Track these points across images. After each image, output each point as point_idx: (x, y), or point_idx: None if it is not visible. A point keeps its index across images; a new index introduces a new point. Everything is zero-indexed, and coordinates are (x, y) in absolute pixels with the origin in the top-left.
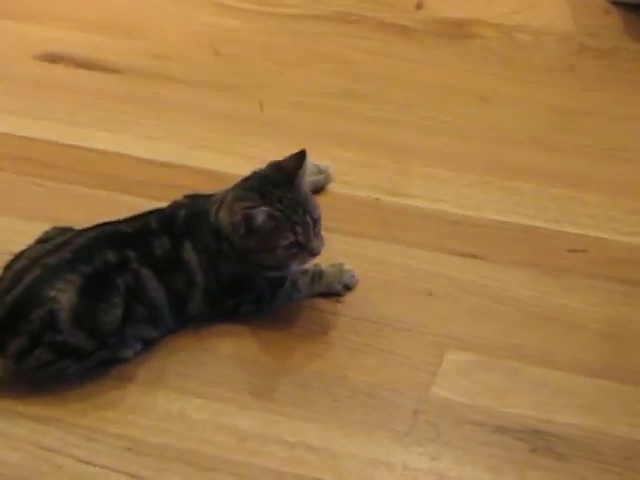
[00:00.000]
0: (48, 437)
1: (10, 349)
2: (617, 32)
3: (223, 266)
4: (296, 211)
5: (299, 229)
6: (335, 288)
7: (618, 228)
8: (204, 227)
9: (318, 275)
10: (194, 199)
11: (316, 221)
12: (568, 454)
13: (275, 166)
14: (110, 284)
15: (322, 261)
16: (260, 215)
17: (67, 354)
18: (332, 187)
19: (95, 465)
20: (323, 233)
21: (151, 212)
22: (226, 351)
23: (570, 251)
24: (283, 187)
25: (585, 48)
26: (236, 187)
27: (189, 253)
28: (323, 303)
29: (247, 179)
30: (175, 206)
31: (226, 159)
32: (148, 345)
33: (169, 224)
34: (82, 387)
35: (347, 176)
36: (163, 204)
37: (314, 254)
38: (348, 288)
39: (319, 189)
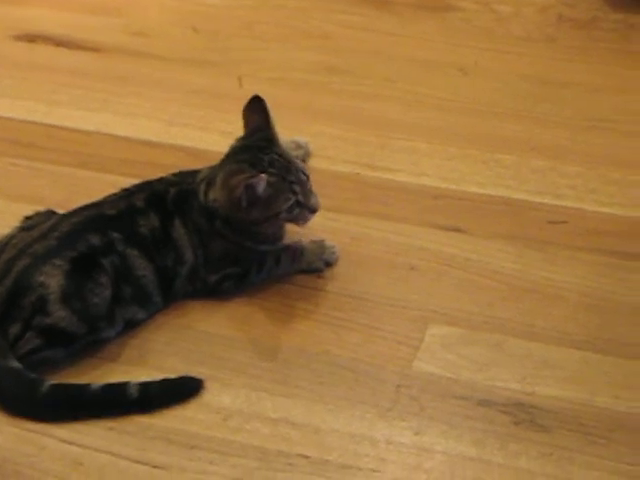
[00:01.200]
0: (30, 418)
1: (9, 337)
2: (596, 2)
3: (214, 243)
4: (290, 171)
5: (297, 188)
6: (316, 265)
7: (598, 199)
8: (194, 205)
9: (299, 252)
10: (182, 177)
11: (308, 177)
12: (552, 426)
13: (246, 135)
14: (97, 266)
15: (303, 237)
16: (261, 183)
17: (56, 339)
18: (312, 162)
19: (78, 445)
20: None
21: (135, 190)
22: (206, 328)
23: (551, 223)
24: (268, 148)
25: (564, 19)
26: (223, 164)
27: (179, 231)
28: (304, 279)
29: (230, 155)
30: (165, 183)
31: (206, 136)
32: (132, 326)
33: (159, 202)
34: (63, 367)
35: (328, 151)
36: None
37: (314, 210)
38: (329, 264)
39: None
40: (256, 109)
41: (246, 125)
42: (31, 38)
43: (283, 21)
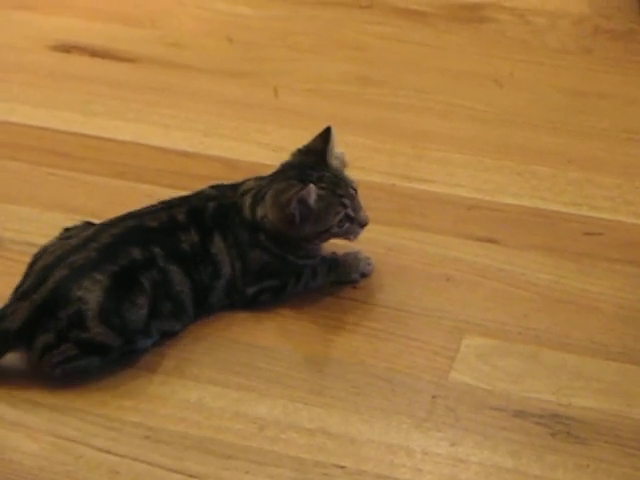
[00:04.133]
0: (67, 427)
1: (37, 344)
2: (632, 14)
3: (253, 254)
4: (339, 185)
5: (347, 201)
6: (352, 276)
7: (635, 211)
8: (235, 220)
9: (335, 264)
10: (221, 190)
11: (356, 191)
12: (588, 438)
13: (302, 151)
14: (136, 284)
15: (338, 248)
16: (311, 193)
17: (92, 351)
18: (347, 173)
19: (114, 454)
20: None
21: (174, 203)
22: (243, 339)
23: (587, 234)
24: (318, 168)
25: (600, 30)
26: (271, 181)
27: (218, 245)
28: (340, 290)
29: (279, 172)
30: (204, 198)
31: (241, 146)
32: (168, 336)
33: (198, 217)
34: (100, 376)
35: (363, 162)
36: (179, 192)
37: (364, 224)
38: (365, 275)
39: None
40: (322, 134)
41: (306, 147)
42: (67, 48)
43: (317, 32)
